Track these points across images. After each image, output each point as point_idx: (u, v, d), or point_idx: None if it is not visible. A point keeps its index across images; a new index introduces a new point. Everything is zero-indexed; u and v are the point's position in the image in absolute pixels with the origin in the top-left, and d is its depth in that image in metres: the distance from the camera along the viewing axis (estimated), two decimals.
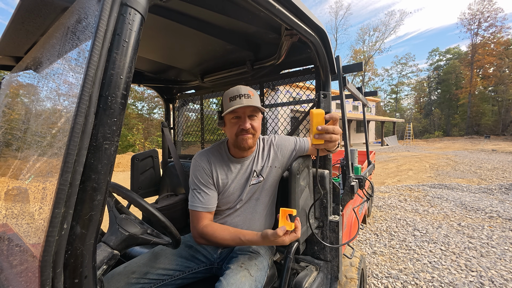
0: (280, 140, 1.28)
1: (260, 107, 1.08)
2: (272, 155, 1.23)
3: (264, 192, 1.22)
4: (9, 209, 0.84)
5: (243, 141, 1.09)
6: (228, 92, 1.09)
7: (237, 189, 1.19)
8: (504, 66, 33.58)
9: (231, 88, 1.10)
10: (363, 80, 44.58)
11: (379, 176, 7.78)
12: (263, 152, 1.24)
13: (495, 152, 12.86)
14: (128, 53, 0.48)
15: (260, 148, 1.25)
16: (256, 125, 1.11)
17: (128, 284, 0.97)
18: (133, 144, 17.95)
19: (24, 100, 1.04)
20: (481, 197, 4.80)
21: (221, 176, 1.16)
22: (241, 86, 1.09)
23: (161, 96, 2.26)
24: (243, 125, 1.07)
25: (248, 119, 1.08)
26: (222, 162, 1.19)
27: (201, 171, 1.14)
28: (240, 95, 1.05)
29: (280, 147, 1.25)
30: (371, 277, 2.44)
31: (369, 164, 3.36)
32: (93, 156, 0.45)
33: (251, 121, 1.09)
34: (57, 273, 0.43)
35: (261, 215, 1.22)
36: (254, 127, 1.10)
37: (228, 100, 1.07)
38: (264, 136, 1.32)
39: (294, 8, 0.86)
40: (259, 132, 1.15)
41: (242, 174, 1.19)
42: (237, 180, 1.19)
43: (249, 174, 1.20)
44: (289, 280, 1.15)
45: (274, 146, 1.25)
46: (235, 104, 1.04)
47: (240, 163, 1.20)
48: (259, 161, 1.22)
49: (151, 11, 0.94)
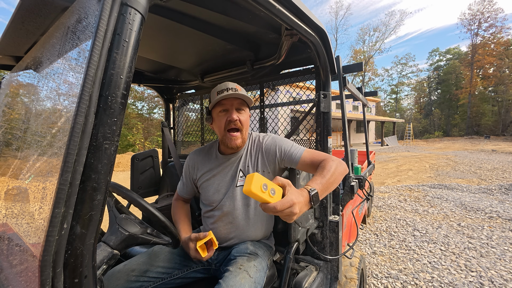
0: (270, 143, 1.17)
1: (248, 98, 1.10)
2: (260, 159, 1.16)
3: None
4: (9, 209, 0.84)
5: (231, 141, 1.10)
6: (216, 88, 1.12)
7: (222, 187, 1.16)
8: (504, 67, 33.58)
9: (219, 84, 1.13)
10: (363, 80, 44.58)
11: (379, 176, 7.78)
12: (251, 152, 1.19)
13: (495, 153, 12.86)
14: (128, 53, 0.48)
15: (248, 147, 1.20)
16: (244, 119, 1.11)
17: (128, 282, 0.98)
18: (133, 144, 17.96)
19: (24, 100, 1.04)
20: (481, 198, 4.80)
21: (204, 170, 1.21)
22: (229, 82, 1.12)
23: (161, 96, 2.26)
24: (230, 116, 1.07)
25: (236, 112, 1.09)
26: (209, 158, 1.23)
27: (187, 166, 1.28)
28: (228, 88, 1.08)
29: (267, 152, 1.15)
30: (371, 277, 2.44)
31: (369, 164, 3.36)
32: (93, 156, 0.45)
33: (239, 115, 1.10)
34: (57, 273, 0.43)
35: (256, 222, 1.16)
36: (241, 121, 1.10)
37: (215, 95, 1.09)
38: (256, 134, 1.25)
39: (294, 8, 0.86)
40: (246, 129, 1.15)
41: (226, 170, 1.17)
42: (220, 176, 1.18)
43: (235, 173, 1.16)
44: (289, 280, 1.15)
45: (263, 149, 1.17)
46: (222, 97, 1.06)
47: (226, 159, 1.19)
48: (246, 161, 1.17)
49: (151, 11, 0.94)
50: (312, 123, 1.47)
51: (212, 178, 1.19)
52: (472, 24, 36.82)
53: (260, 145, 1.18)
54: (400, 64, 49.48)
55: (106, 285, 0.92)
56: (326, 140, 1.35)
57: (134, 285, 0.98)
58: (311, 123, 1.56)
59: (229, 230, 1.15)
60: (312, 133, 1.50)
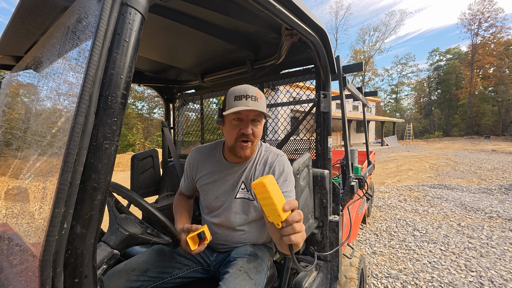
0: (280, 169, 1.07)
1: (266, 113, 0.98)
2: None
3: (258, 212, 1.10)
4: (9, 209, 0.84)
5: (241, 150, 1.02)
6: (234, 90, 0.99)
7: (221, 195, 1.11)
8: (504, 67, 33.58)
9: (239, 86, 1.00)
10: (363, 80, 44.58)
11: (379, 176, 7.78)
12: (257, 166, 1.11)
13: (495, 152, 12.86)
14: (128, 52, 0.48)
15: (256, 159, 1.12)
16: (258, 131, 1.02)
17: (129, 281, 0.98)
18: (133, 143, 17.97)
19: (24, 100, 1.04)
20: (481, 197, 4.80)
21: (205, 172, 1.15)
22: (249, 86, 1.00)
23: (161, 95, 2.26)
24: (244, 129, 0.98)
25: (251, 123, 1.00)
26: (212, 160, 1.16)
27: (188, 164, 1.23)
28: (247, 96, 0.96)
29: (272, 174, 1.06)
30: (370, 277, 2.44)
31: (369, 164, 3.36)
32: (93, 156, 0.45)
33: (253, 127, 1.00)
34: (57, 273, 0.43)
35: (253, 231, 1.13)
36: (255, 133, 1.01)
37: (232, 99, 0.97)
38: (267, 148, 1.16)
39: (294, 8, 0.86)
40: (258, 140, 1.06)
41: (228, 178, 1.11)
42: (221, 183, 1.11)
43: (236, 183, 1.10)
44: (289, 280, 1.15)
45: (271, 169, 1.08)
46: (239, 104, 0.95)
47: (230, 166, 1.12)
48: (251, 174, 1.10)
49: (151, 10, 0.94)
50: (312, 123, 1.47)
51: (212, 183, 1.13)
52: (472, 24, 36.87)
53: (271, 165, 1.09)
54: (400, 64, 49.55)
55: (107, 284, 0.93)
56: (326, 140, 1.35)
57: (135, 285, 0.98)
58: (311, 123, 1.56)
59: (226, 238, 1.13)
60: (312, 133, 1.50)
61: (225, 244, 1.14)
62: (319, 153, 1.39)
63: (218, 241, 1.14)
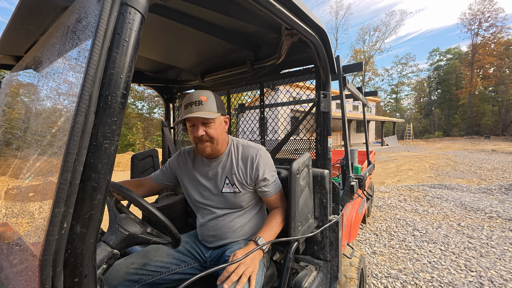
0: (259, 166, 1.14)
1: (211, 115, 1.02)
2: (248, 172, 1.15)
3: (245, 205, 1.18)
4: (9, 209, 0.84)
5: (202, 150, 1.10)
6: (184, 99, 1.08)
7: (204, 190, 1.19)
8: (505, 66, 33.56)
9: (188, 94, 1.08)
10: (363, 80, 44.57)
11: (379, 176, 7.78)
12: (238, 161, 1.17)
13: (495, 152, 12.86)
14: (128, 52, 0.48)
15: (233, 154, 1.18)
16: (212, 131, 1.06)
17: (128, 274, 1.01)
18: (133, 143, 17.97)
19: (24, 99, 1.04)
20: (481, 197, 4.80)
21: (189, 171, 1.23)
22: (195, 92, 1.06)
23: (161, 95, 2.25)
24: (196, 132, 1.05)
25: (202, 126, 1.05)
26: (197, 161, 1.24)
27: (175, 160, 1.29)
28: (192, 102, 1.04)
29: (254, 170, 1.14)
30: (370, 277, 2.44)
31: (369, 164, 3.36)
32: (93, 156, 0.45)
33: (206, 128, 1.05)
34: (57, 272, 0.43)
35: (243, 226, 1.19)
36: (209, 134, 1.06)
37: (183, 108, 1.07)
38: (246, 145, 1.21)
39: (294, 8, 0.86)
40: (219, 138, 1.10)
41: (210, 174, 1.19)
42: (205, 180, 1.19)
43: (220, 178, 1.17)
44: (289, 279, 1.15)
45: (253, 166, 1.14)
46: (186, 112, 1.04)
47: (208, 164, 1.20)
48: (233, 169, 1.16)
49: (151, 10, 0.94)
50: (312, 123, 1.47)
51: (193, 181, 1.22)
52: (473, 24, 36.81)
53: (251, 161, 1.15)
54: (400, 64, 49.49)
55: (107, 277, 0.93)
56: (326, 140, 1.35)
57: (133, 278, 1.01)
58: (311, 123, 1.56)
59: (215, 233, 1.17)
60: (312, 133, 1.50)
61: (215, 238, 1.18)
62: (319, 153, 1.39)
63: (209, 236, 1.19)
